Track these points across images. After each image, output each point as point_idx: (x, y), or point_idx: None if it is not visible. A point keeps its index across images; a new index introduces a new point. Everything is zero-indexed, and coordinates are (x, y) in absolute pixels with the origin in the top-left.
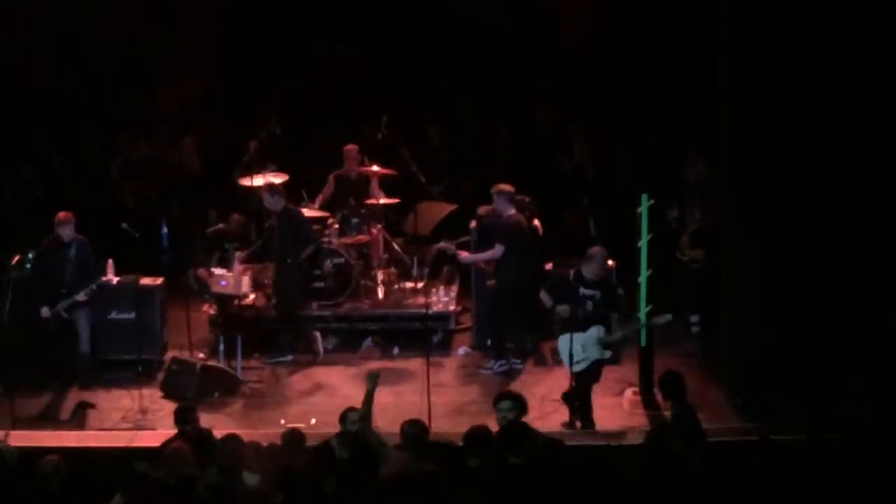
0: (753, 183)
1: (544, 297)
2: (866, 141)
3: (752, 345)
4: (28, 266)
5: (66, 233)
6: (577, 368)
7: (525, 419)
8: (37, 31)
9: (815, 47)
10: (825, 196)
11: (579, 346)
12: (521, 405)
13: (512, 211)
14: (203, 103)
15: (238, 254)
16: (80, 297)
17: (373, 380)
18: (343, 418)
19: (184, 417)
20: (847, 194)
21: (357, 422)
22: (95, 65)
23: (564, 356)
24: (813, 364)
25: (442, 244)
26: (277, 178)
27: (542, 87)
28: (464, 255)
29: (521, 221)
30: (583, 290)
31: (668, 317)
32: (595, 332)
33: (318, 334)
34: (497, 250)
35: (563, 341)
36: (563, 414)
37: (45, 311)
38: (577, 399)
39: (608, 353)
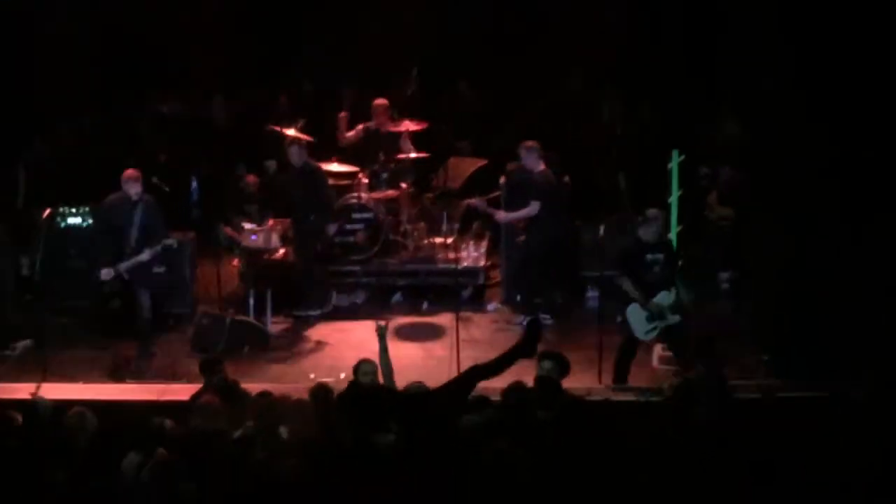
0: (781, 143)
1: (629, 287)
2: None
3: (780, 306)
4: (59, 220)
5: (134, 190)
6: (650, 336)
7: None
8: None
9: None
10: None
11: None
12: (562, 365)
13: (542, 166)
14: (231, 68)
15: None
16: (145, 256)
17: (381, 333)
18: (356, 370)
19: (210, 368)
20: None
21: (370, 374)
22: (128, 26)
23: (638, 326)
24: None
25: (473, 200)
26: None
27: (574, 49)
28: (500, 215)
29: (552, 177)
30: (649, 256)
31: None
32: (664, 297)
33: (333, 292)
34: (533, 207)
35: (633, 311)
36: (591, 370)
37: (105, 273)
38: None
39: (677, 318)
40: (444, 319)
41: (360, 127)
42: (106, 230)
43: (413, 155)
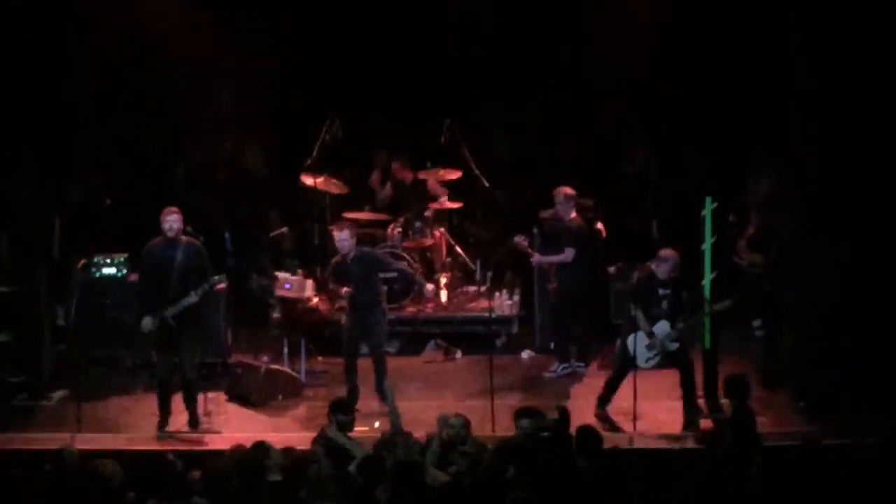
0: (823, 188)
1: (641, 318)
2: None
3: (819, 351)
4: (94, 270)
5: (172, 227)
6: (649, 364)
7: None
8: (98, 36)
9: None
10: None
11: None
12: (540, 421)
13: (574, 214)
14: (265, 108)
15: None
16: (193, 298)
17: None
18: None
19: (341, 409)
20: None
21: (456, 427)
22: (160, 69)
23: (640, 354)
24: (880, 371)
25: (517, 238)
26: (336, 189)
27: (607, 90)
28: (535, 257)
29: (583, 225)
30: (661, 291)
31: (728, 302)
32: (663, 327)
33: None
34: (568, 254)
35: (639, 339)
36: (623, 415)
37: (146, 323)
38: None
39: (675, 346)
40: (479, 368)
41: (389, 183)
42: (149, 278)
43: (447, 204)
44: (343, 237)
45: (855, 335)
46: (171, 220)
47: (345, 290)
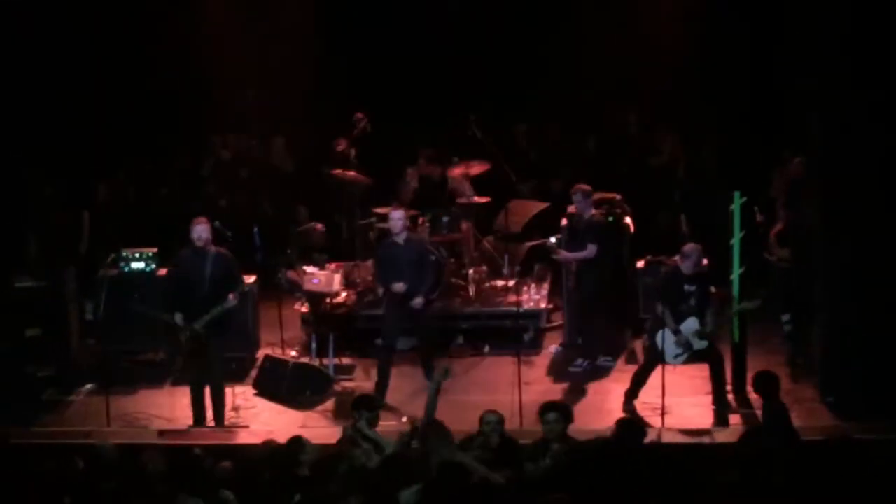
0: (846, 179)
1: (668, 317)
2: None
3: (847, 344)
4: (122, 265)
5: (200, 237)
6: (678, 361)
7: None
8: (126, 35)
9: None
10: None
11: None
12: (566, 416)
13: (593, 210)
14: (292, 104)
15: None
16: (230, 303)
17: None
18: (480, 419)
19: (365, 405)
20: None
21: (492, 423)
22: (186, 66)
23: (669, 350)
24: None
25: (549, 243)
26: (364, 184)
27: (632, 83)
28: (562, 254)
29: (604, 220)
30: (686, 287)
31: (758, 302)
32: (692, 323)
33: None
34: (591, 250)
35: (668, 336)
36: (651, 410)
37: (178, 318)
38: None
39: (704, 344)
40: (506, 362)
41: (415, 177)
42: (178, 286)
43: (474, 198)
44: (398, 216)
45: (882, 330)
46: (200, 230)
47: (396, 285)
